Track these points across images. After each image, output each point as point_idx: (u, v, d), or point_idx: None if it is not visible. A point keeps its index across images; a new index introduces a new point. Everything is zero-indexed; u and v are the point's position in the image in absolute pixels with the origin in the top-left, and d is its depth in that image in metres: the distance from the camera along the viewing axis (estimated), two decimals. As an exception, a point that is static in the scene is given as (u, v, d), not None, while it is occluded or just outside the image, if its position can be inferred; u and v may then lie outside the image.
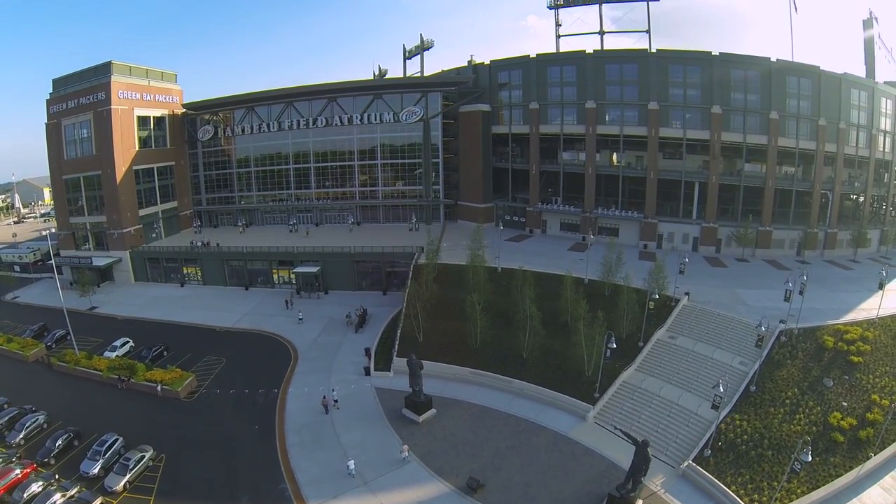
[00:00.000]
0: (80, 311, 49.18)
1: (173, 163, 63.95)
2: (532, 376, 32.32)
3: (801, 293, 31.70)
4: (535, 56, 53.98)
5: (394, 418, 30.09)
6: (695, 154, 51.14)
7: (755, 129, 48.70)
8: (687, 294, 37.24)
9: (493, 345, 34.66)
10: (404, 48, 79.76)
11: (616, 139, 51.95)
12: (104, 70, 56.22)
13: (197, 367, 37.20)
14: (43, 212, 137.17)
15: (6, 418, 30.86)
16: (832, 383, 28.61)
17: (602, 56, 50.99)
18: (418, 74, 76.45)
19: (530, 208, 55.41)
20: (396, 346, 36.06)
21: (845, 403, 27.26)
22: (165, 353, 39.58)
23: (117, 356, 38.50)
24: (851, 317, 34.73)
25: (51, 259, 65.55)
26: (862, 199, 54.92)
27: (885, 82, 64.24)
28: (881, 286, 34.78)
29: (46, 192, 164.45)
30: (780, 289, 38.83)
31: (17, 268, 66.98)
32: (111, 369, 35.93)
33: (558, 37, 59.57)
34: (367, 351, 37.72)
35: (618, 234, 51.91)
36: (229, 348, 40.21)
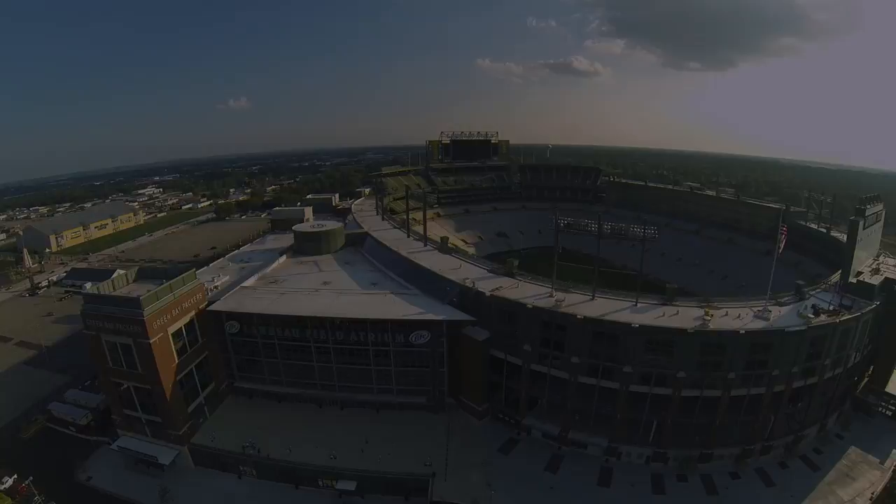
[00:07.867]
0: (164, 517, 73.43)
1: (207, 353, 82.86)
2: None
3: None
4: (531, 307, 71.27)
5: None
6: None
7: (712, 386, 69.06)
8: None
9: None
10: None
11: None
12: (134, 304, 70.98)
13: None
14: (55, 277, 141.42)
15: None
16: None
17: (589, 322, 68.82)
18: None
19: (520, 418, 78.32)
20: None
21: None
22: None
23: None
24: None
25: (104, 419, 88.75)
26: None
27: (857, 279, 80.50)
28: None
29: (52, 240, 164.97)
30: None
31: (72, 428, 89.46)
32: None
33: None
34: None
35: (587, 447, 75.95)
36: None
